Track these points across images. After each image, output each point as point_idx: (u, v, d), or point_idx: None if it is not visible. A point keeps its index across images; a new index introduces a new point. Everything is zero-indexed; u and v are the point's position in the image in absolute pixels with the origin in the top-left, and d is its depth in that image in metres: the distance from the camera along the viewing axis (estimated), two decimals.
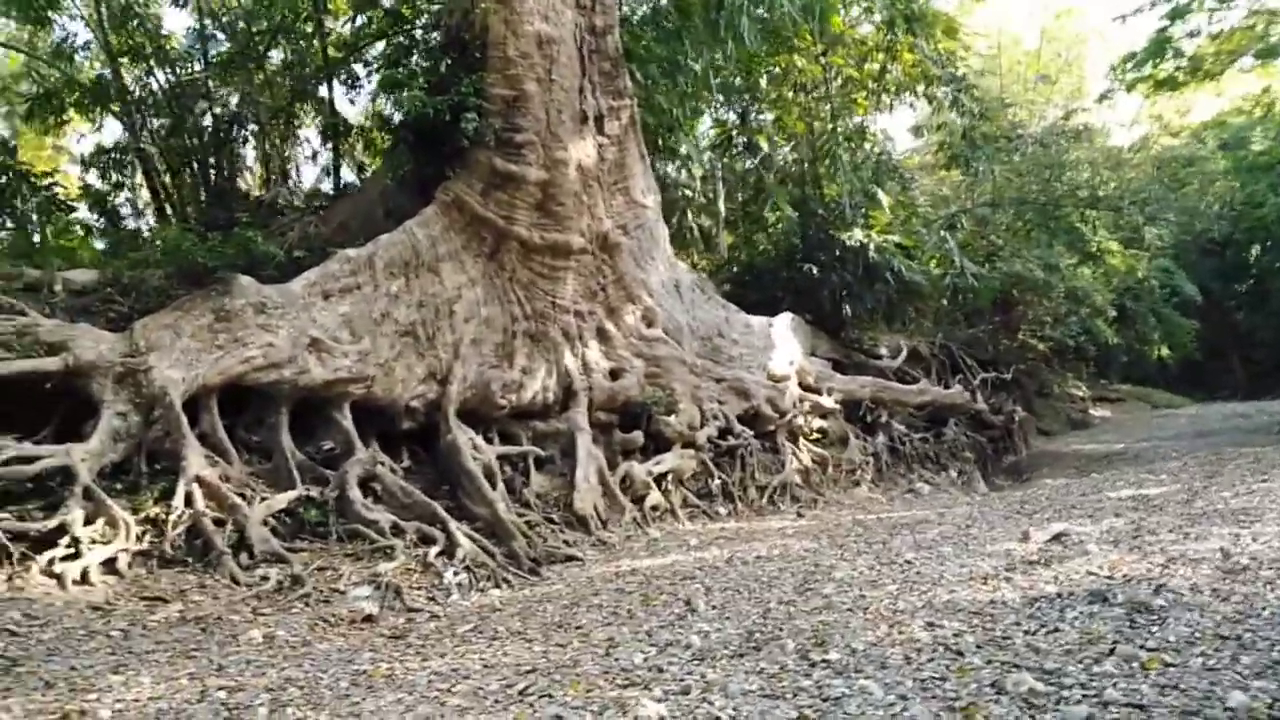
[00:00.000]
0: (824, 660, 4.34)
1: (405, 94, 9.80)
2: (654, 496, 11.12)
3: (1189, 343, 32.76)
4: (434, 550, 8.12)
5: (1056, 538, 7.39)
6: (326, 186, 13.01)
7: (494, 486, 9.56)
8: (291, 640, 6.19)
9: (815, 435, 15.14)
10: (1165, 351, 32.62)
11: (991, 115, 19.01)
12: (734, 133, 17.57)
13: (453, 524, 8.47)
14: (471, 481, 9.22)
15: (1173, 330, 31.91)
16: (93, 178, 12.41)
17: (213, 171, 12.19)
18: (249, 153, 13.33)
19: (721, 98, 16.24)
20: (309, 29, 12.63)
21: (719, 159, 19.18)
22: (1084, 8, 37.29)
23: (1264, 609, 4.61)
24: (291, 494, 8.23)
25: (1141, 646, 4.12)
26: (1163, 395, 33.14)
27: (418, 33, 12.20)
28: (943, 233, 17.37)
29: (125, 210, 12.68)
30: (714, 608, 5.96)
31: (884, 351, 19.19)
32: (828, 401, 15.41)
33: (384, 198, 10.99)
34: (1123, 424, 26.65)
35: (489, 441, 10.42)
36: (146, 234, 11.39)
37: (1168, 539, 6.71)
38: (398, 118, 10.38)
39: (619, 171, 11.59)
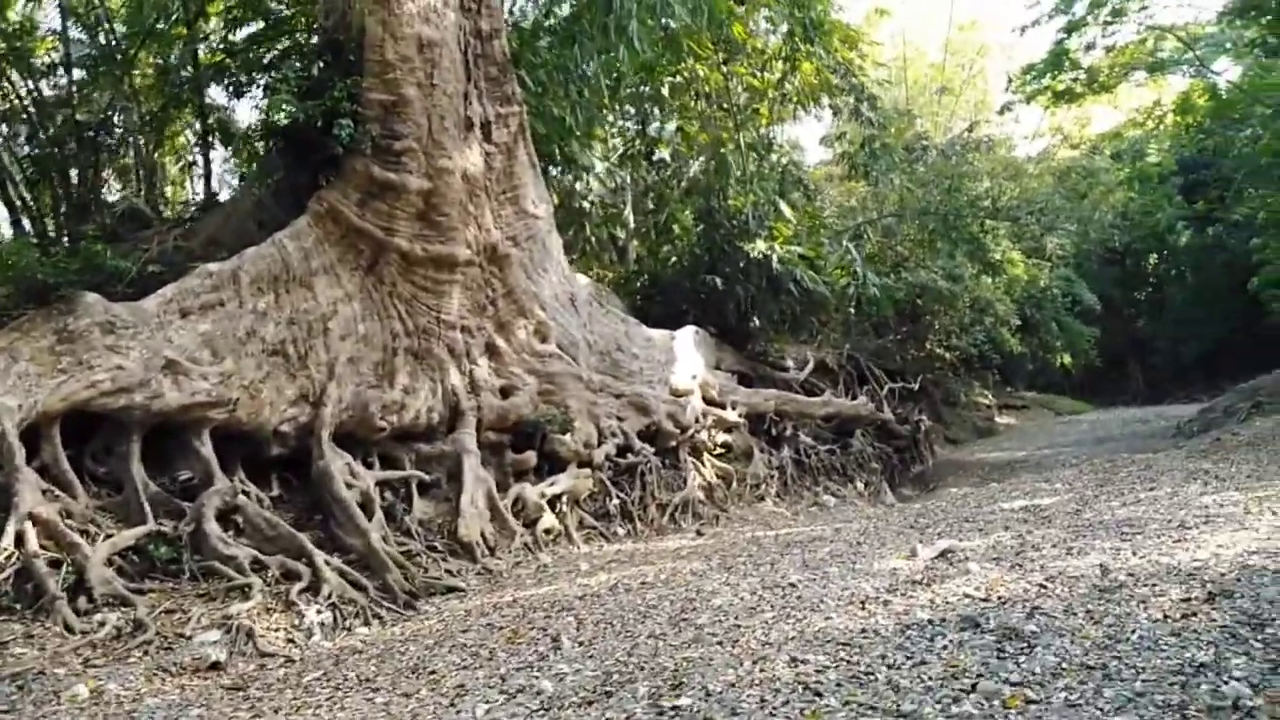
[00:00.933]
0: (674, 708, 4.01)
1: (274, 99, 9.25)
2: (547, 519, 10.71)
3: (1089, 350, 33.64)
4: (297, 587, 7.58)
5: (942, 554, 7.23)
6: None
7: (370, 515, 9.06)
8: (122, 695, 5.64)
9: (719, 450, 14.92)
10: (1068, 359, 33.46)
11: (891, 125, 19.12)
12: (636, 142, 17.29)
13: (320, 557, 7.95)
14: (344, 510, 8.71)
15: (1074, 338, 32.74)
16: None
17: (75, 183, 11.42)
18: (124, 164, 12.56)
19: (622, 107, 15.99)
20: (182, 32, 11.94)
21: (625, 169, 18.91)
22: (986, 21, 38.26)
23: (1133, 631, 4.43)
24: (140, 530, 7.61)
25: (1006, 680, 3.89)
26: (1066, 402, 33.96)
27: (299, 36, 11.64)
28: (846, 243, 17.34)
29: None
30: (581, 644, 5.60)
31: (790, 364, 19.13)
32: (731, 415, 15.20)
33: (258, 209, 10.38)
34: (1027, 431, 27.13)
35: (369, 466, 9.91)
36: None
37: (1050, 554, 6.57)
38: (270, 124, 9.77)
39: (508, 180, 11.18)
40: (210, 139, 11.87)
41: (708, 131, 16.50)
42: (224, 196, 12.25)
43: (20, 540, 6.82)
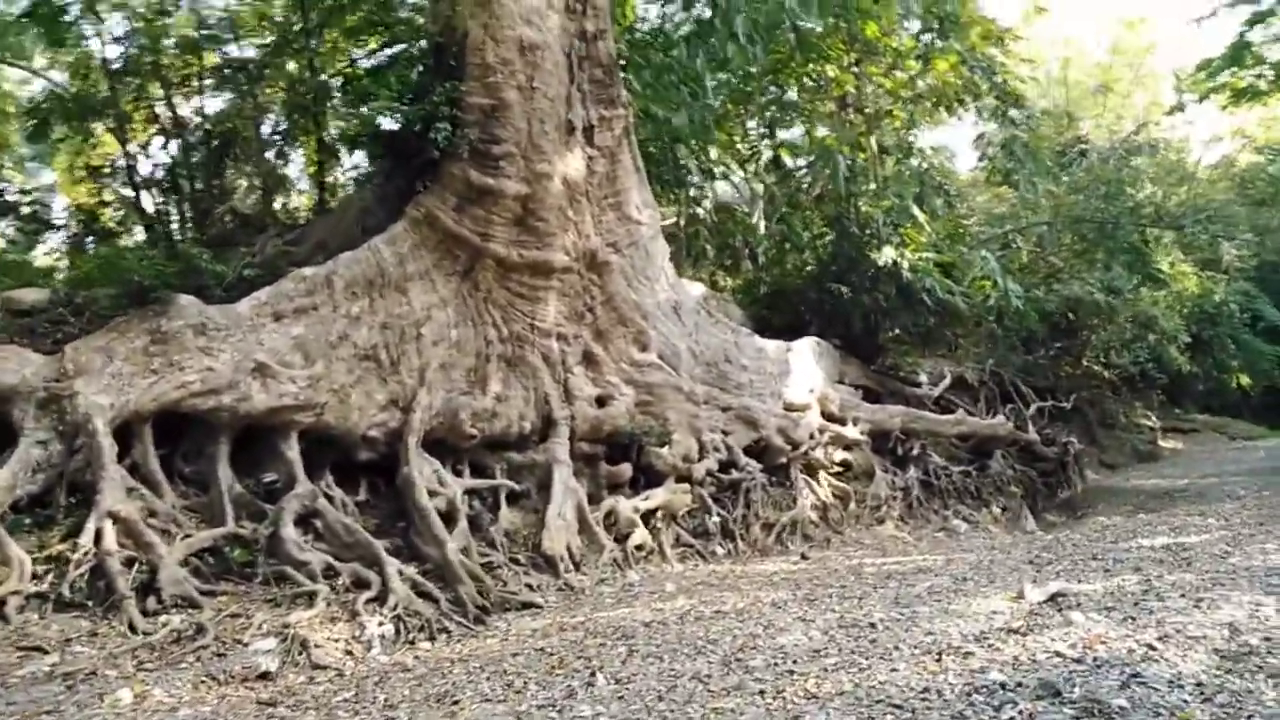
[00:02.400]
0: None
1: (374, 104, 9.26)
2: (639, 535, 10.33)
3: (1272, 370, 30.67)
4: (364, 597, 7.46)
5: (1053, 598, 6.43)
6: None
7: (454, 524, 8.91)
8: (164, 702, 5.59)
9: (837, 469, 14.17)
10: (1245, 380, 30.60)
11: (1041, 127, 17.80)
12: (762, 147, 16.72)
13: (392, 566, 7.81)
14: (423, 519, 8.57)
15: (1254, 357, 29.94)
16: (83, 195, 12.22)
17: (202, 189, 11.86)
18: (250, 173, 12.98)
19: (748, 112, 15.47)
20: (301, 44, 12.22)
21: (752, 175, 18.39)
22: (1155, 18, 35.55)
23: (1250, 716, 3.66)
24: (217, 531, 7.68)
25: None
26: (1242, 426, 31.02)
27: (411, 44, 11.72)
28: (984, 252, 16.21)
29: (119, 229, 12.43)
30: (618, 681, 5.17)
31: (923, 379, 18.08)
32: (851, 432, 14.41)
33: (363, 215, 10.46)
34: (1194, 457, 24.86)
35: (458, 474, 9.78)
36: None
37: (1175, 606, 5.70)
38: (372, 129, 9.80)
39: (610, 186, 10.87)
40: (326, 148, 12.11)
41: (837, 136, 15.69)
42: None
43: (99, 538, 6.95)
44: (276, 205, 12.23)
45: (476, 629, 7.69)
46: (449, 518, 9.05)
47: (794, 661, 5.23)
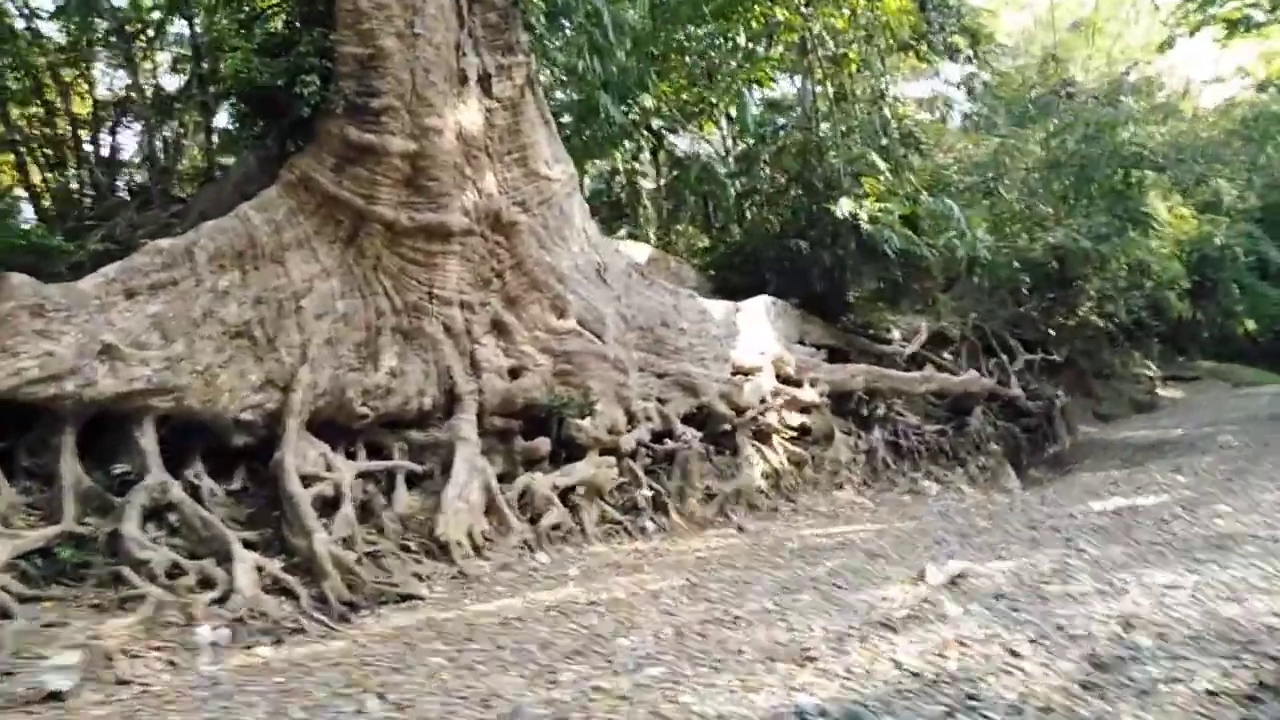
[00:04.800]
0: None
1: (229, 58, 8.44)
2: (555, 514, 9.58)
3: (1278, 314, 29.52)
4: (207, 597, 6.77)
5: (953, 580, 5.67)
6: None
7: (338, 511, 8.21)
8: None
9: (792, 433, 13.38)
10: (1251, 325, 29.48)
11: (1009, 67, 16.72)
12: (715, 98, 15.73)
13: (244, 562, 7.10)
14: (293, 507, 7.84)
15: (1259, 302, 28.81)
16: None
17: (94, 165, 11.09)
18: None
19: (688, 59, 14.49)
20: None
21: (698, 130, 17.44)
22: None
23: None
24: (49, 530, 6.95)
25: None
26: (1247, 373, 29.95)
27: None
28: (947, 201, 15.24)
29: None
30: (398, 706, 4.43)
31: (895, 335, 17.22)
32: (808, 394, 13.60)
33: (246, 182, 9.67)
34: (1193, 406, 23.91)
35: (351, 457, 9.04)
36: None
37: (1077, 590, 4.93)
38: (238, 88, 8.94)
39: (514, 140, 10.01)
40: (210, 111, 11.23)
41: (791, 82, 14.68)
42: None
43: None
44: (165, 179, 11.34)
45: (339, 627, 6.98)
46: (335, 504, 8.36)
47: (613, 673, 4.48)
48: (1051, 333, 22.43)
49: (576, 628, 5.64)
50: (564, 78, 12.09)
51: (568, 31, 11.30)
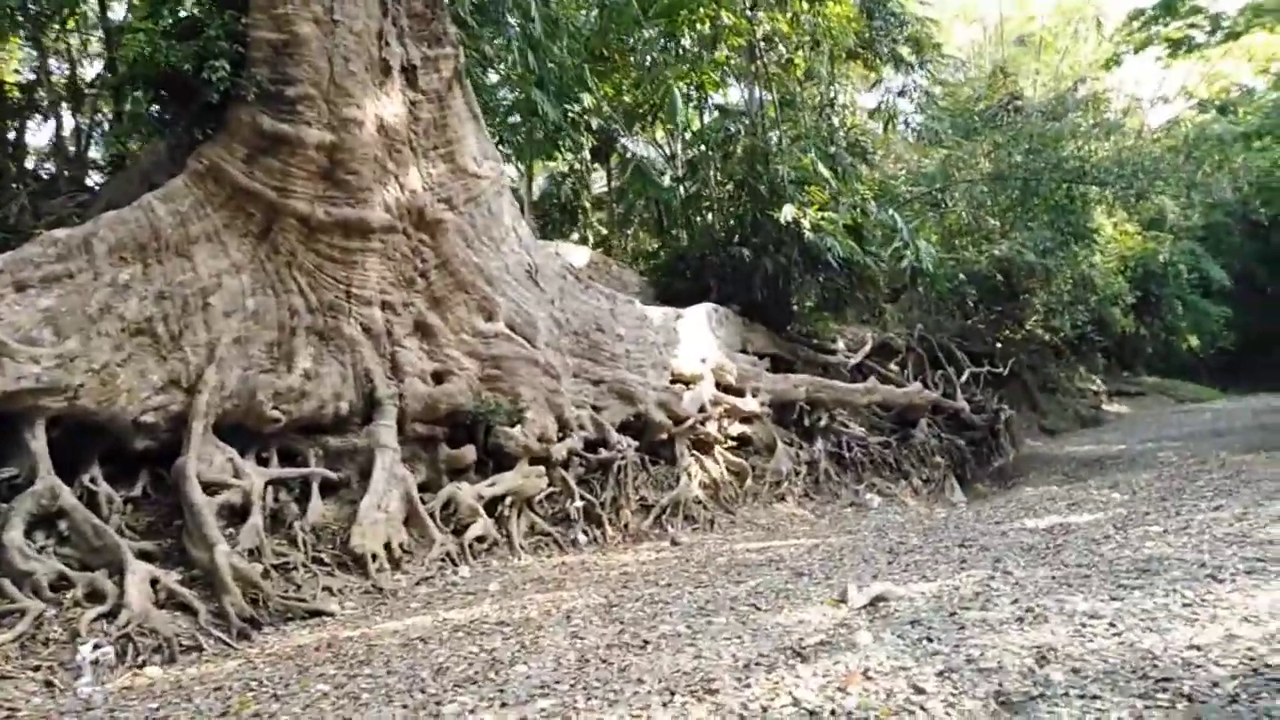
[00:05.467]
0: None
1: (128, 41, 7.96)
2: (480, 526, 9.23)
3: (1220, 331, 29.97)
4: (93, 613, 6.33)
5: (873, 602, 5.42)
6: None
7: (243, 521, 7.81)
8: None
9: (732, 443, 13.13)
10: (1194, 341, 29.88)
11: (953, 78, 16.68)
12: (658, 99, 15.44)
13: (136, 575, 6.68)
14: (194, 516, 7.42)
15: (1201, 318, 29.22)
16: None
17: (12, 151, 10.50)
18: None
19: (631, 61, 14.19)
20: None
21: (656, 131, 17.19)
22: None
23: None
24: None
25: None
26: (1190, 389, 30.30)
27: None
28: (891, 211, 15.12)
29: None
30: None
31: (840, 346, 17.05)
32: (750, 403, 13.37)
33: (156, 171, 9.19)
34: (1137, 421, 24.08)
35: (263, 463, 8.62)
36: None
37: (996, 618, 4.68)
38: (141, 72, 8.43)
39: (440, 134, 9.65)
40: (120, 96, 10.70)
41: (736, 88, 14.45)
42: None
43: None
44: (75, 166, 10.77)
45: (238, 645, 6.59)
46: (243, 513, 7.95)
47: (501, 705, 4.16)
48: (998, 345, 22.50)
49: (478, 651, 5.31)
50: (499, 73, 11.67)
51: (511, 25, 10.90)
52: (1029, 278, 20.94)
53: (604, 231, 21.15)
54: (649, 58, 14.11)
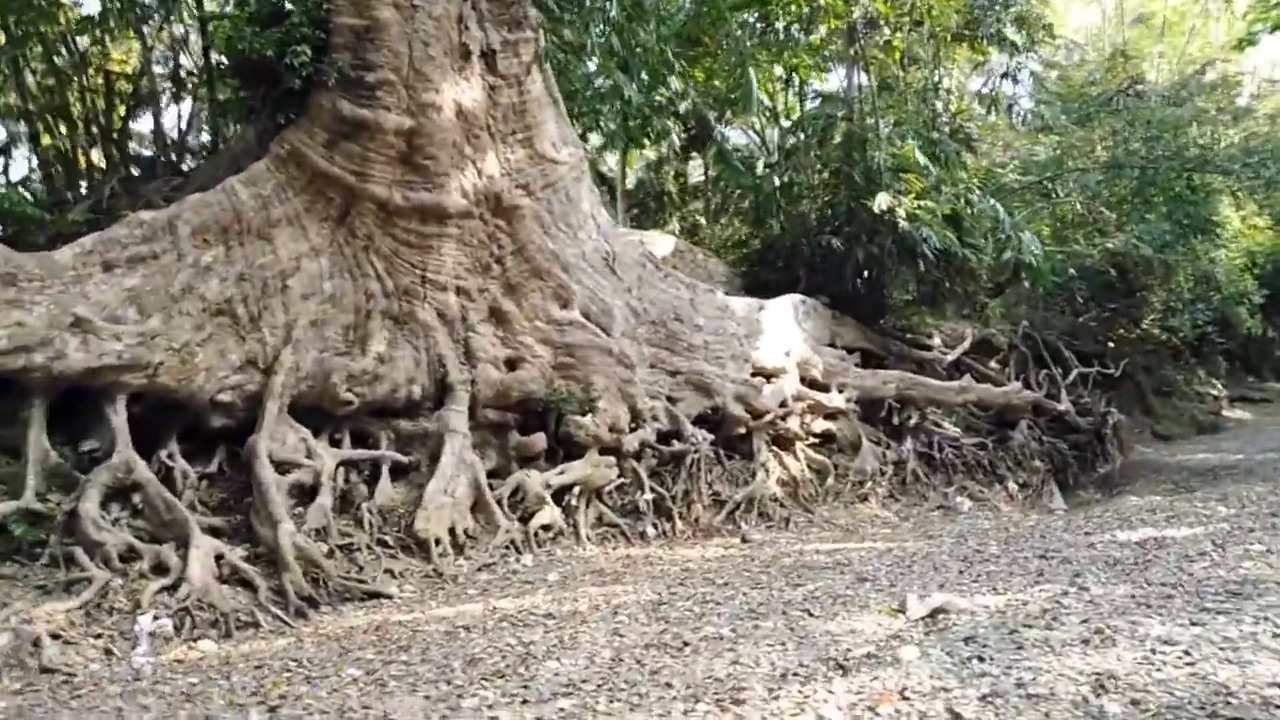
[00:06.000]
0: None
1: (217, 28, 8.13)
2: (547, 514, 9.18)
3: None
4: (156, 585, 6.50)
5: (933, 614, 5.12)
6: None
7: (312, 500, 7.93)
8: None
9: (815, 440, 12.78)
10: None
11: (1059, 62, 15.80)
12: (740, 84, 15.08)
13: (200, 549, 6.83)
14: (262, 494, 7.55)
15: None
16: None
17: (115, 137, 10.93)
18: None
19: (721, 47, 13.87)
20: None
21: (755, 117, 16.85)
22: None
23: None
24: (6, 506, 6.76)
25: None
26: None
27: None
28: (992, 201, 14.43)
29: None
30: None
31: (936, 341, 16.44)
32: (835, 399, 12.97)
33: (246, 156, 9.39)
34: (1260, 429, 22.51)
35: (335, 444, 8.74)
36: None
37: (1059, 639, 4.33)
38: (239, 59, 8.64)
39: (519, 119, 9.59)
40: (213, 84, 10.97)
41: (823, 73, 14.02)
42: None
43: None
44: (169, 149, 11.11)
45: (294, 623, 6.69)
46: (313, 492, 8.08)
47: (521, 702, 4.05)
48: (1111, 345, 21.38)
49: (515, 643, 5.22)
50: (582, 59, 11.53)
51: (593, 7, 10.74)
52: (1146, 273, 19.81)
53: (701, 221, 20.95)
54: (744, 42, 13.75)
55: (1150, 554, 6.74)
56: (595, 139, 15.02)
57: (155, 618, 6.18)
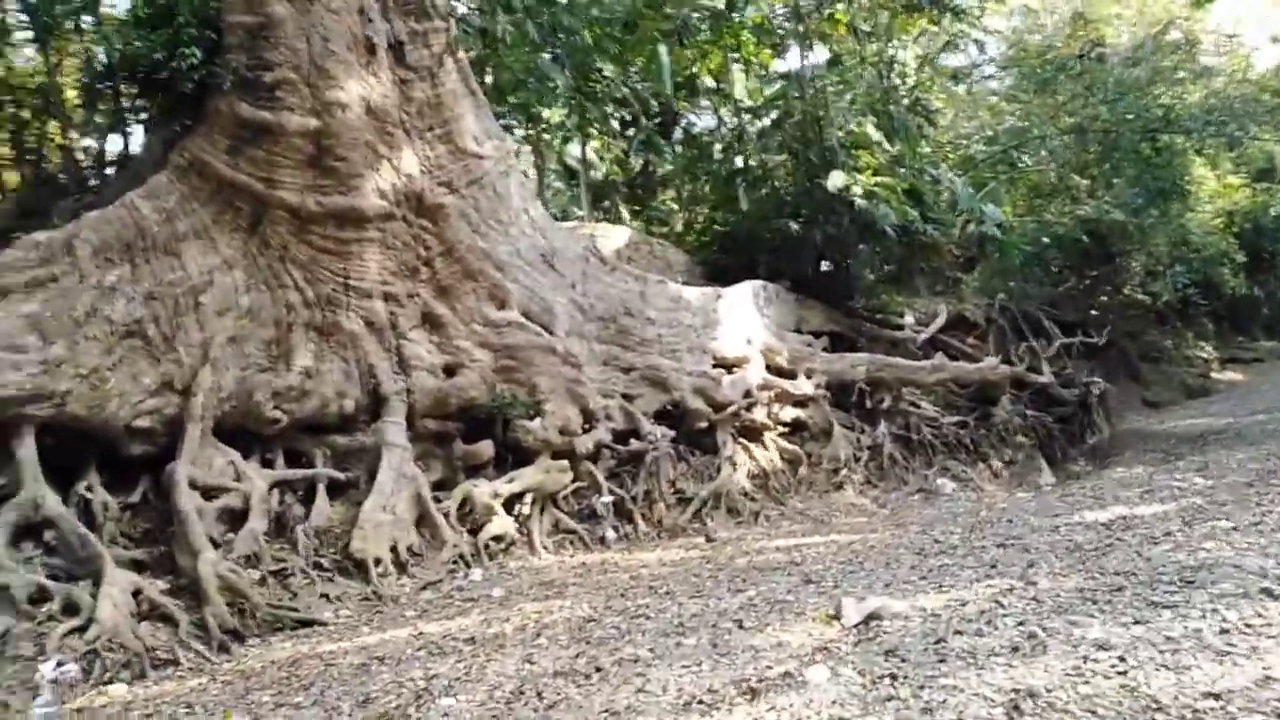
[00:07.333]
0: None
1: (97, 31, 7.68)
2: (498, 524, 8.81)
3: None
4: (64, 627, 6.11)
5: (867, 620, 4.74)
6: None
7: (242, 525, 7.51)
8: None
9: (784, 429, 12.37)
10: None
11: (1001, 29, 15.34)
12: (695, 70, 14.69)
13: (112, 587, 6.43)
14: (181, 524, 7.16)
15: None
16: None
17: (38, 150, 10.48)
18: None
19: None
20: None
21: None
22: None
23: None
24: None
25: None
26: None
27: None
28: (950, 174, 14.02)
29: None
30: None
31: (908, 320, 16.01)
32: (803, 386, 12.57)
33: (157, 168, 8.94)
34: (1251, 391, 22.10)
35: (267, 464, 8.34)
36: None
37: (986, 646, 3.97)
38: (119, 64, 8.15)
39: (435, 114, 9.14)
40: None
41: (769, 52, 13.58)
42: None
43: None
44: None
45: (216, 659, 6.33)
46: (244, 516, 7.68)
47: None
48: (1094, 313, 20.97)
49: (420, 676, 4.86)
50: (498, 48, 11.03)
51: None
52: (1122, 239, 19.40)
53: (675, 209, 20.50)
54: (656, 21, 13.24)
55: (1114, 536, 6.37)
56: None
57: (59, 664, 5.75)
